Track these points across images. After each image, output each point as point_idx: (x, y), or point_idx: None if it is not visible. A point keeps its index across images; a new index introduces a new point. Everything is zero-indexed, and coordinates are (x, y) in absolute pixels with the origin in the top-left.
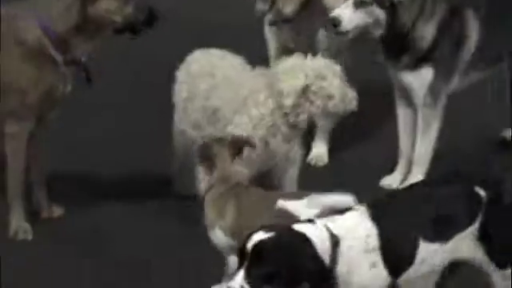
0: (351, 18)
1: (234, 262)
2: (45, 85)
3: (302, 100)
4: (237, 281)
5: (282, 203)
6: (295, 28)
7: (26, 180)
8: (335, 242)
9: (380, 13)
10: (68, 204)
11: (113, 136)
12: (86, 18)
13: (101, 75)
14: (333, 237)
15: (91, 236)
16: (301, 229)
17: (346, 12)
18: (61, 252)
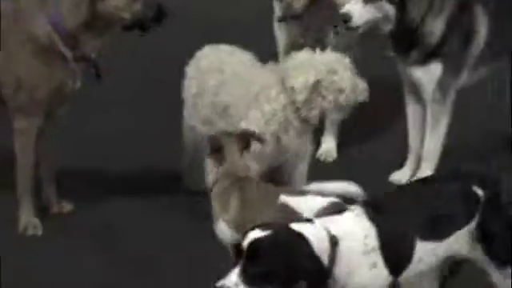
0: (361, 14)
1: None
2: (54, 81)
3: (314, 95)
4: (231, 278)
5: (284, 199)
6: (304, 24)
7: (36, 176)
8: (334, 243)
9: (389, 8)
10: (77, 200)
11: (122, 132)
12: (96, 15)
13: (110, 71)
14: (332, 237)
15: (101, 232)
16: (298, 228)
17: (356, 7)
18: (70, 247)
